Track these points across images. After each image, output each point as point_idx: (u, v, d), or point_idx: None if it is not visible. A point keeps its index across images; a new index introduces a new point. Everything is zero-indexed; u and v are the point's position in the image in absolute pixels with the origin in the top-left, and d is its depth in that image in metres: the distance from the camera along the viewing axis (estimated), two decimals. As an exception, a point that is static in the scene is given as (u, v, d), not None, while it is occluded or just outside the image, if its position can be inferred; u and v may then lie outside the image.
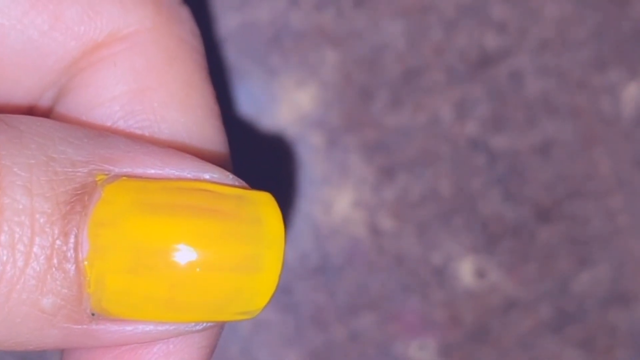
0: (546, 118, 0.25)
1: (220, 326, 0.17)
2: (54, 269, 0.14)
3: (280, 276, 0.15)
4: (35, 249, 0.14)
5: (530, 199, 0.26)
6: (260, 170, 0.25)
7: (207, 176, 0.15)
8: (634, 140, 0.26)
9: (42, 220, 0.14)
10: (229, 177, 0.15)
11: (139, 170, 0.15)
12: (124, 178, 0.14)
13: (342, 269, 0.25)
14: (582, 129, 0.25)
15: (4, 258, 0.13)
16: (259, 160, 0.25)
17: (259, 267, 0.15)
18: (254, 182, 0.16)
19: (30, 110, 0.18)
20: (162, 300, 0.14)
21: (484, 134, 0.25)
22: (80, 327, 0.14)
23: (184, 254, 0.14)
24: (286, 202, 0.25)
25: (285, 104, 0.25)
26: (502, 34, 0.25)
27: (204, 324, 0.15)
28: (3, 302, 0.14)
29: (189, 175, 0.15)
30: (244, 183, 0.15)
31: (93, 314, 0.14)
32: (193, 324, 0.15)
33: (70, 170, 0.14)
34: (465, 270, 0.26)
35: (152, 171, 0.15)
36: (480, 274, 0.26)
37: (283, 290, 0.25)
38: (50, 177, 0.14)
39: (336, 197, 0.25)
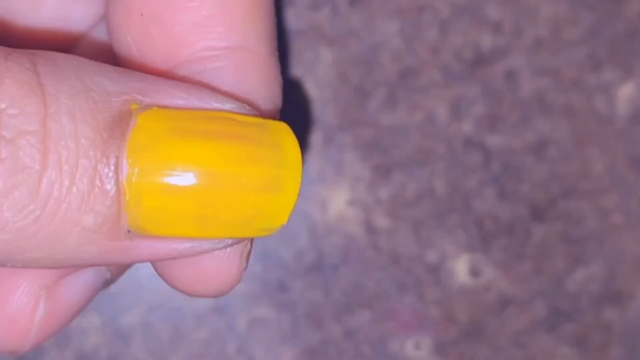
0: (541, 117, 0.25)
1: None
2: (96, 189, 0.15)
3: (298, 197, 0.16)
4: (80, 170, 0.15)
5: (525, 197, 0.26)
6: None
7: (228, 106, 0.16)
8: (628, 139, 0.26)
9: (86, 144, 0.15)
10: (247, 108, 0.16)
11: (167, 101, 0.16)
12: (155, 108, 0.15)
13: (337, 267, 0.26)
14: (577, 128, 0.25)
15: (52, 178, 0.14)
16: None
17: (280, 187, 0.16)
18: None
19: (81, 39, 0.20)
20: (193, 217, 0.15)
21: (479, 133, 0.25)
22: (117, 243, 0.15)
23: (215, 174, 0.15)
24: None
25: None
26: (497, 34, 0.25)
27: (227, 241, 0.16)
28: (49, 220, 0.15)
29: (211, 106, 0.16)
30: (259, 114, 0.17)
31: (129, 231, 0.15)
32: (217, 240, 0.16)
33: (107, 99, 0.15)
34: (461, 269, 0.26)
35: (179, 102, 0.16)
36: (475, 272, 0.26)
37: (279, 288, 0.26)
38: (90, 105, 0.15)
39: (332, 195, 0.25)
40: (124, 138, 0.15)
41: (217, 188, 0.15)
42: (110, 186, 0.15)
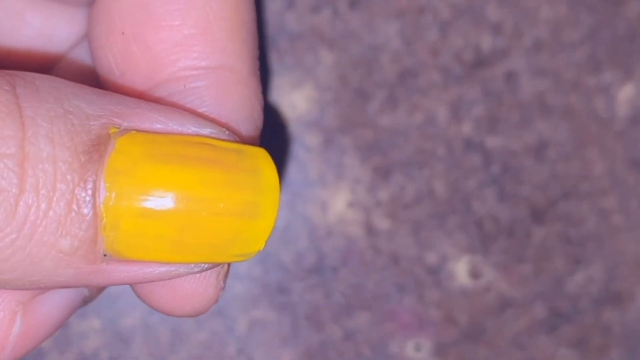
0: (541, 119, 0.25)
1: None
2: (73, 213, 0.15)
3: (275, 222, 0.16)
4: (57, 194, 0.15)
5: (525, 199, 0.26)
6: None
7: (207, 131, 0.16)
8: (628, 140, 0.26)
9: (63, 168, 0.15)
10: (226, 133, 0.16)
11: (145, 125, 0.16)
12: (134, 132, 0.15)
13: (337, 269, 0.26)
14: (577, 129, 0.26)
15: (29, 202, 0.14)
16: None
17: (257, 213, 0.16)
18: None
19: (63, 58, 0.20)
20: (170, 242, 0.16)
21: (479, 134, 0.25)
22: (92, 266, 0.15)
23: (191, 200, 0.15)
24: (282, 202, 0.25)
25: (281, 105, 0.25)
26: (497, 35, 0.25)
27: (203, 265, 0.17)
28: (25, 242, 0.15)
29: (190, 131, 0.16)
30: (238, 139, 0.17)
31: (105, 255, 0.15)
32: (193, 265, 0.16)
33: (85, 122, 0.15)
34: (460, 270, 0.26)
35: (158, 126, 0.16)
36: (475, 273, 0.26)
37: (279, 290, 0.26)
38: (68, 129, 0.15)
39: (332, 197, 0.25)
40: (101, 162, 0.15)
41: (193, 213, 0.15)
42: (87, 210, 0.15)
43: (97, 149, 0.15)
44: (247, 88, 0.18)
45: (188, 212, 0.15)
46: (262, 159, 0.16)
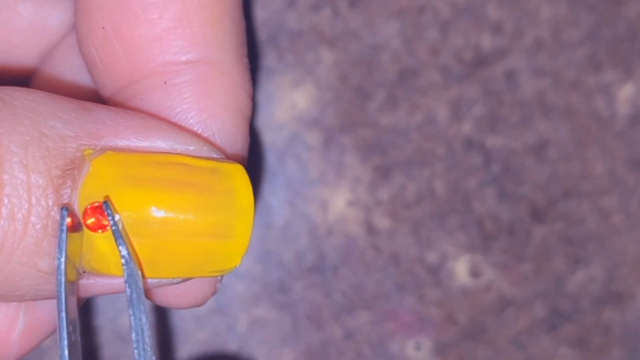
0: (541, 118, 0.25)
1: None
2: (49, 236, 0.15)
3: (250, 241, 0.17)
4: (32, 219, 0.15)
5: (525, 198, 0.26)
6: (257, 169, 0.25)
7: (183, 148, 0.16)
8: (628, 140, 0.26)
9: (37, 193, 0.15)
10: (205, 149, 0.17)
11: (122, 143, 0.16)
12: (109, 152, 0.16)
13: (338, 268, 0.26)
14: (577, 129, 0.26)
15: (5, 228, 0.15)
16: (255, 159, 0.25)
17: (230, 234, 0.16)
18: (251, 182, 0.17)
19: (52, 51, 0.20)
20: (144, 262, 0.16)
21: (479, 133, 0.25)
22: (72, 282, 0.16)
23: (163, 223, 0.16)
24: (282, 201, 0.25)
25: (281, 104, 0.25)
26: (497, 35, 0.25)
27: (183, 278, 0.17)
28: (5, 264, 0.15)
29: (166, 147, 0.16)
30: (219, 154, 0.17)
31: (84, 272, 0.16)
32: (171, 279, 0.17)
33: (61, 145, 0.15)
34: (461, 270, 0.26)
35: (134, 144, 0.16)
36: (475, 273, 0.26)
37: (279, 289, 0.26)
38: (43, 153, 0.15)
39: (332, 196, 0.25)
40: (75, 186, 0.15)
41: (165, 235, 0.16)
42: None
43: (70, 173, 0.15)
44: (231, 79, 0.18)
45: (159, 234, 0.16)
46: (237, 178, 0.16)
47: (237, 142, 0.18)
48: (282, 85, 0.25)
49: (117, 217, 0.15)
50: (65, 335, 0.16)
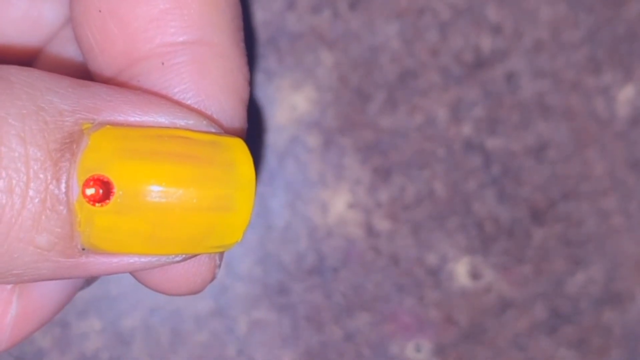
0: (541, 119, 0.25)
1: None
2: (47, 210, 0.15)
3: (251, 215, 0.16)
4: (30, 192, 0.15)
5: (525, 200, 0.26)
6: (256, 171, 0.25)
7: (182, 122, 0.16)
8: (628, 141, 0.26)
9: (35, 167, 0.15)
10: (204, 123, 0.16)
11: (120, 118, 0.16)
12: (108, 126, 0.15)
13: (337, 270, 0.26)
14: (577, 130, 0.26)
15: (3, 201, 0.15)
16: (255, 161, 0.25)
17: (231, 207, 0.16)
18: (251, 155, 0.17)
19: (40, 51, 0.20)
20: (144, 237, 0.16)
21: (479, 135, 0.25)
22: (72, 260, 0.16)
23: (163, 196, 0.15)
24: (282, 203, 0.25)
25: (281, 106, 0.25)
26: (497, 36, 0.25)
27: (184, 255, 0.17)
28: (2, 239, 0.15)
29: (166, 122, 0.16)
30: (218, 129, 0.17)
31: (83, 249, 0.16)
32: (172, 256, 0.16)
33: (58, 119, 0.15)
34: (461, 271, 0.26)
35: (133, 118, 0.16)
36: (475, 274, 0.26)
37: (279, 291, 0.26)
38: (41, 127, 0.15)
39: (332, 198, 0.25)
40: (74, 159, 0.15)
41: (165, 209, 0.15)
42: (61, 207, 0.15)
43: (69, 146, 0.15)
44: (228, 61, 0.17)
45: (159, 208, 0.15)
46: (237, 151, 0.16)
47: (235, 123, 0.18)
48: (282, 87, 0.25)
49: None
50: None
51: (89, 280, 0.21)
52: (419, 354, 0.26)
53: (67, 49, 0.20)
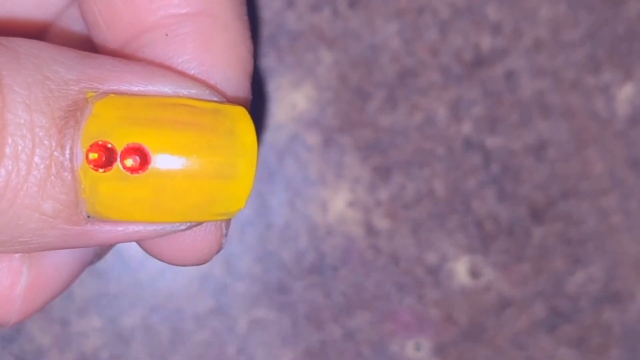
0: (541, 118, 0.25)
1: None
2: (52, 177, 0.15)
3: (253, 182, 0.17)
4: (36, 159, 0.15)
5: (525, 198, 0.26)
6: (256, 170, 0.25)
7: (186, 92, 0.16)
8: (627, 140, 0.26)
9: (41, 133, 0.15)
10: (207, 92, 0.17)
11: (124, 87, 0.16)
12: (112, 95, 0.16)
13: (337, 269, 0.26)
14: (577, 129, 0.26)
15: (9, 167, 0.15)
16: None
17: (233, 174, 0.16)
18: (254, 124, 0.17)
19: (49, 27, 0.20)
20: (148, 204, 0.16)
21: (478, 134, 0.25)
22: (77, 227, 0.16)
23: (166, 163, 0.16)
24: (282, 201, 0.25)
25: (280, 104, 0.25)
26: (496, 35, 0.25)
27: (188, 223, 0.17)
28: (8, 206, 0.15)
29: (169, 92, 0.16)
30: (221, 97, 0.17)
31: (89, 217, 0.16)
32: (178, 223, 0.17)
33: (63, 88, 0.15)
34: (460, 270, 0.26)
35: (137, 88, 0.16)
36: (475, 273, 0.26)
37: (279, 290, 0.26)
38: (46, 95, 0.15)
39: (331, 196, 0.25)
40: (78, 127, 0.15)
41: (168, 176, 0.16)
42: (66, 174, 0.15)
43: (73, 114, 0.15)
44: (231, 33, 0.18)
45: (162, 175, 0.16)
46: (240, 119, 0.16)
47: (240, 93, 0.18)
48: (281, 85, 0.25)
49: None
50: None
51: (99, 254, 0.21)
52: (419, 352, 0.26)
53: (74, 25, 0.20)
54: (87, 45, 0.19)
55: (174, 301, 0.25)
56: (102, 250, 0.20)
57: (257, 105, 0.25)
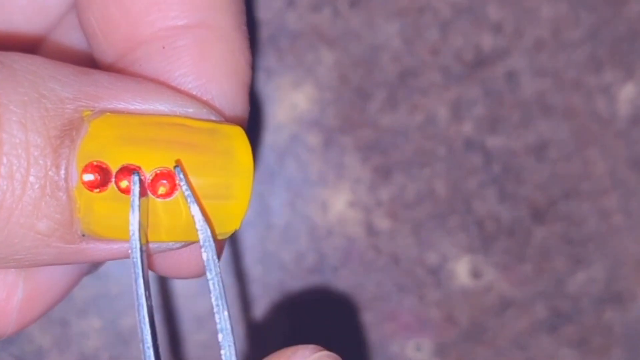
0: (541, 118, 0.25)
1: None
2: (47, 197, 0.15)
3: (249, 203, 0.16)
4: (31, 178, 0.15)
5: (526, 199, 0.26)
6: (257, 170, 0.25)
7: (182, 110, 0.16)
8: (628, 140, 0.26)
9: (36, 153, 0.15)
10: (204, 112, 0.16)
11: (121, 106, 0.16)
12: (108, 114, 0.16)
13: (338, 269, 0.26)
14: (577, 129, 0.25)
15: (4, 187, 0.15)
16: (256, 160, 0.25)
17: (229, 195, 0.16)
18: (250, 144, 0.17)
19: (46, 36, 0.20)
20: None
21: (479, 134, 0.25)
22: (72, 246, 0.16)
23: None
24: (282, 202, 0.25)
25: (281, 104, 0.25)
26: (497, 35, 0.25)
27: (183, 243, 0.17)
28: (3, 225, 0.15)
29: (166, 110, 0.16)
30: (218, 116, 0.17)
31: (83, 235, 0.16)
32: (172, 242, 0.16)
33: (59, 106, 0.15)
34: (461, 270, 0.26)
35: (133, 106, 0.16)
36: (475, 273, 0.26)
37: (279, 290, 0.26)
38: (42, 114, 0.15)
39: (332, 197, 0.25)
40: (73, 146, 0.15)
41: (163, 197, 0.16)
42: (61, 194, 0.15)
43: (69, 133, 0.15)
44: (229, 44, 0.17)
45: (157, 195, 0.16)
46: (236, 139, 0.16)
47: (237, 107, 0.18)
48: (282, 85, 0.25)
49: (184, 186, 0.15)
50: (143, 301, 0.16)
51: (96, 264, 0.21)
52: (420, 353, 0.26)
53: (71, 37, 0.20)
54: (82, 58, 0.19)
55: (173, 302, 0.25)
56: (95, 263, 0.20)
57: (257, 105, 0.25)
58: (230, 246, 0.25)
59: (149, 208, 0.16)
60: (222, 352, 0.16)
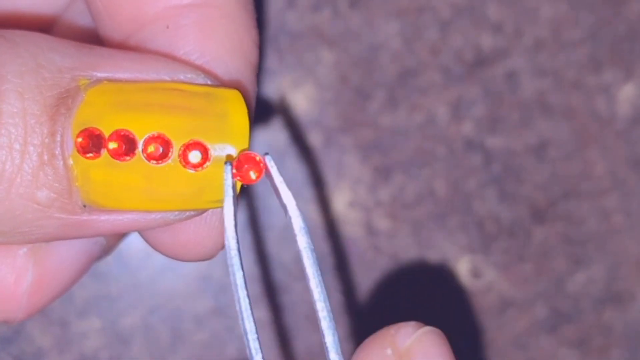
0: (541, 118, 0.25)
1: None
2: (45, 165, 0.15)
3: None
4: (29, 147, 0.15)
5: (526, 199, 0.26)
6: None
7: (181, 77, 0.16)
8: (628, 140, 0.26)
9: (32, 121, 0.15)
10: (200, 77, 0.16)
11: (119, 75, 0.16)
12: (105, 82, 0.16)
13: (338, 269, 0.26)
14: (577, 129, 0.25)
15: (3, 157, 0.15)
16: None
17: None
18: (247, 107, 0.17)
19: (55, 20, 0.20)
20: (140, 191, 0.16)
21: (479, 134, 0.25)
22: (74, 217, 0.16)
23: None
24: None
25: (281, 104, 0.25)
26: (497, 35, 0.25)
27: (187, 213, 0.16)
28: (4, 197, 0.15)
29: (165, 77, 0.16)
30: (215, 81, 0.16)
31: (84, 206, 0.16)
32: (177, 212, 0.16)
33: (57, 75, 0.15)
34: (461, 270, 0.26)
35: (131, 75, 0.16)
36: (475, 273, 0.26)
37: (279, 290, 0.25)
38: (39, 82, 0.15)
39: (332, 196, 0.25)
40: (69, 114, 0.15)
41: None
42: (58, 162, 0.15)
43: (64, 101, 0.15)
44: (234, 23, 0.17)
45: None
46: (232, 101, 0.16)
47: (242, 86, 0.18)
48: (282, 85, 0.25)
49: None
50: (245, 293, 0.15)
51: (106, 249, 0.20)
52: (420, 353, 0.26)
53: (80, 19, 0.20)
54: (93, 39, 0.19)
55: (173, 302, 0.25)
56: (108, 245, 0.20)
57: (257, 105, 0.25)
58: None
59: (142, 171, 0.16)
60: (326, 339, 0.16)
